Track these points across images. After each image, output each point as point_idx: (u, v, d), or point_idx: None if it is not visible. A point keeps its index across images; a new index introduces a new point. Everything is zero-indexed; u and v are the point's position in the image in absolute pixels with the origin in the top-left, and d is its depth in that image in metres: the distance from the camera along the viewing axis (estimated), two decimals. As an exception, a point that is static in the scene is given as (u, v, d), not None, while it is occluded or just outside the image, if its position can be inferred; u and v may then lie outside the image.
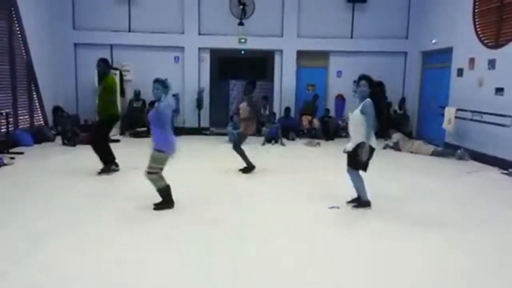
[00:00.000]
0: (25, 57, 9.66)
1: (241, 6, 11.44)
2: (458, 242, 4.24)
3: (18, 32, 9.37)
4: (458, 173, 7.49)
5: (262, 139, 10.16)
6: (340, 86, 12.04)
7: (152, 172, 4.78)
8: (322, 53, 12.11)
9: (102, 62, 6.81)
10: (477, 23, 8.87)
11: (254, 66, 13.02)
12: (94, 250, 3.80)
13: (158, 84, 4.82)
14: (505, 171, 7.46)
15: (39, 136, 9.56)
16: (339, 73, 12.14)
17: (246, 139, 7.09)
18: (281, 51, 11.96)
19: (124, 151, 7.48)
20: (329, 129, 11.39)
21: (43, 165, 7.38)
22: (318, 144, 10.35)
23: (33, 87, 10.01)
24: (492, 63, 8.33)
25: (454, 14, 9.67)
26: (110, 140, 7.13)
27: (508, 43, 7.96)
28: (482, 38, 8.70)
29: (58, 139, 9.70)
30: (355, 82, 5.06)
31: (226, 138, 10.32)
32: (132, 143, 9.76)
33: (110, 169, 6.65)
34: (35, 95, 10.14)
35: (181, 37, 11.61)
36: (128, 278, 3.29)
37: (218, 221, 4.63)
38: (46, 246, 3.83)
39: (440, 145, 9.68)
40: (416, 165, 8.19)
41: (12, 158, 7.53)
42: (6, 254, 3.65)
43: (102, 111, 6.74)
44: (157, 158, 4.76)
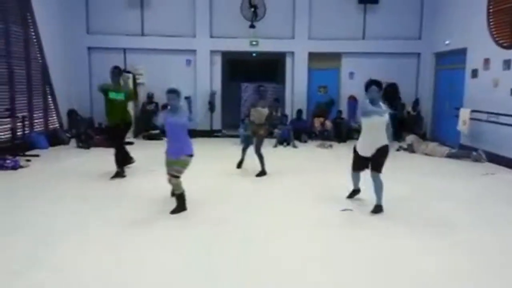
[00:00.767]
0: (40, 61, 9.83)
1: (252, 9, 11.47)
2: (467, 244, 4.18)
3: (33, 37, 9.55)
4: (473, 175, 7.38)
5: (274, 141, 10.16)
6: (352, 88, 11.96)
7: (179, 176, 4.89)
8: (333, 54, 12.06)
9: (118, 71, 6.80)
10: (491, 23, 8.75)
11: (266, 69, 13.03)
12: (108, 252, 3.84)
13: (174, 94, 4.90)
14: (521, 173, 7.34)
15: (54, 139, 9.71)
16: (351, 74, 12.09)
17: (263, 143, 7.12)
18: (292, 53, 11.96)
19: (137, 154, 7.53)
20: (341, 130, 11.34)
21: (58, 167, 7.49)
22: (331, 146, 10.32)
23: (48, 91, 10.18)
24: (507, 64, 8.20)
25: (468, 14, 9.55)
26: (125, 142, 7.23)
27: (524, 43, 7.84)
28: (497, 39, 8.57)
29: (73, 142, 9.84)
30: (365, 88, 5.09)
31: (237, 140, 10.34)
32: (145, 146, 9.84)
33: (123, 174, 6.71)
34: (50, 99, 10.31)
35: (192, 40, 11.69)
36: (140, 278, 3.32)
37: (224, 221, 4.69)
38: (58, 247, 3.88)
39: (455, 146, 9.56)
40: (430, 167, 8.10)
41: (28, 161, 7.66)
42: (20, 255, 3.71)
43: (127, 118, 6.83)
44: (187, 163, 4.92)
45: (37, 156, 8.22)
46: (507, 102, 8.09)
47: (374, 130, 4.98)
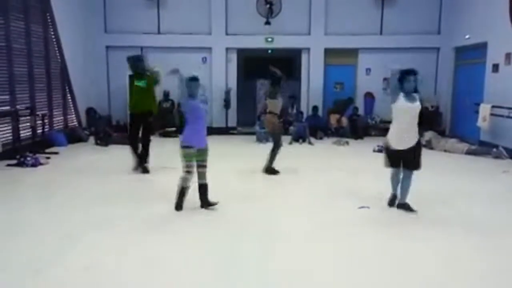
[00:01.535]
0: (59, 60, 10.01)
1: (267, 6, 11.43)
2: (483, 243, 4.08)
3: (53, 36, 9.72)
4: (494, 172, 7.22)
5: (289, 138, 10.12)
6: (369, 84, 11.83)
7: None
8: (350, 50, 11.94)
9: (140, 62, 7.08)
10: (513, 17, 8.53)
11: (282, 65, 12.90)
12: (128, 249, 3.88)
13: (198, 82, 5.04)
14: (545, 170, 7.14)
15: (73, 136, 9.88)
16: (368, 70, 11.93)
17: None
18: (308, 49, 11.88)
19: (155, 151, 7.58)
20: (357, 127, 11.21)
21: (77, 164, 7.62)
22: (347, 143, 10.21)
23: (67, 89, 10.37)
24: (530, 58, 8.00)
25: (488, 8, 9.32)
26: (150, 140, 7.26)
27: (547, 36, 7.62)
28: (519, 32, 8.36)
29: (91, 140, 10.00)
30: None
31: (253, 138, 10.34)
32: (161, 143, 9.91)
33: (147, 170, 6.78)
34: (69, 97, 10.51)
35: (208, 37, 11.72)
36: (165, 277, 3.35)
37: (247, 220, 4.65)
38: (79, 245, 3.93)
39: (475, 143, 9.35)
40: (449, 164, 7.94)
41: (48, 158, 7.82)
42: (41, 253, 3.74)
43: (153, 107, 7.01)
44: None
45: (56, 153, 8.38)
46: (530, 97, 7.89)
47: (408, 123, 5.03)
